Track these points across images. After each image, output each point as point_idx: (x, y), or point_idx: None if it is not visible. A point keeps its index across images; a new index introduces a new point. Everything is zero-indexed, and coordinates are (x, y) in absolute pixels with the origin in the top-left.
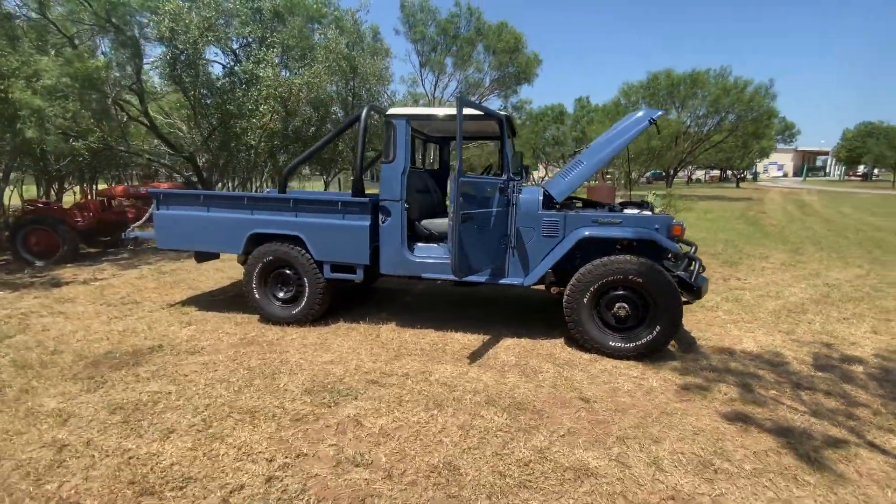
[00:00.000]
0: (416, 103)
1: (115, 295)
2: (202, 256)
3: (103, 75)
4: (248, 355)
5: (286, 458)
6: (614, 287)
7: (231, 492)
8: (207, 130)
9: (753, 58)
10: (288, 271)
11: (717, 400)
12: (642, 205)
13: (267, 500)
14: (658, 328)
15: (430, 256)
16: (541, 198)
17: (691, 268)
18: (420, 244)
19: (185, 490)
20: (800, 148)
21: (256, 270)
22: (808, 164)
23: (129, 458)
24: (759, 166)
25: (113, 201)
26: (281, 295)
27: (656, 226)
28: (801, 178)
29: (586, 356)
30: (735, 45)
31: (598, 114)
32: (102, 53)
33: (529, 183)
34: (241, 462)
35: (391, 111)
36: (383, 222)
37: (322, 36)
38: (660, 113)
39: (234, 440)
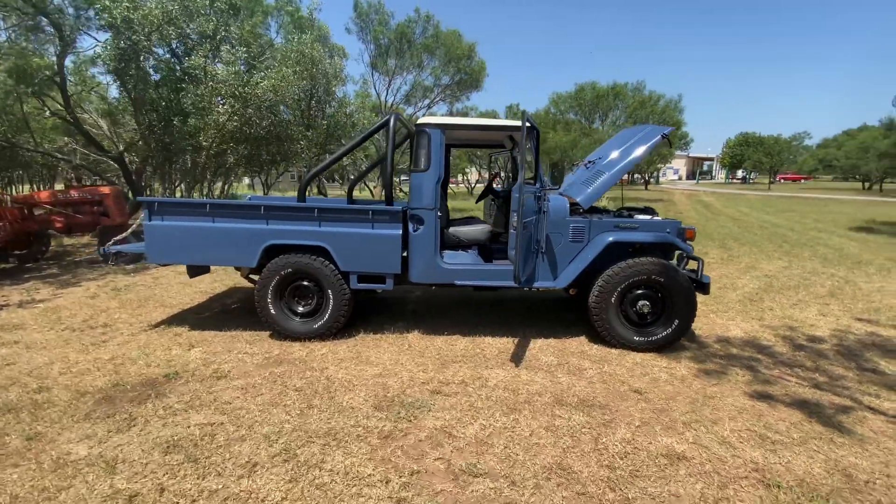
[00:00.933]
0: (363, 105)
1: (74, 318)
2: (194, 271)
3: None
4: (287, 375)
5: (401, 477)
6: (637, 287)
7: None
8: (147, 128)
9: (652, 70)
10: (307, 283)
11: (739, 382)
12: (646, 210)
13: None
14: (676, 323)
15: (461, 263)
16: (568, 205)
17: (690, 267)
18: (448, 252)
19: None
20: (691, 154)
21: (272, 284)
22: (699, 169)
23: (224, 498)
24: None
25: (34, 209)
26: (301, 309)
27: (668, 229)
28: (694, 181)
29: (614, 352)
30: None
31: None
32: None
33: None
34: (357, 487)
35: (425, 120)
36: (415, 231)
37: (292, 37)
38: (671, 129)
39: (334, 466)
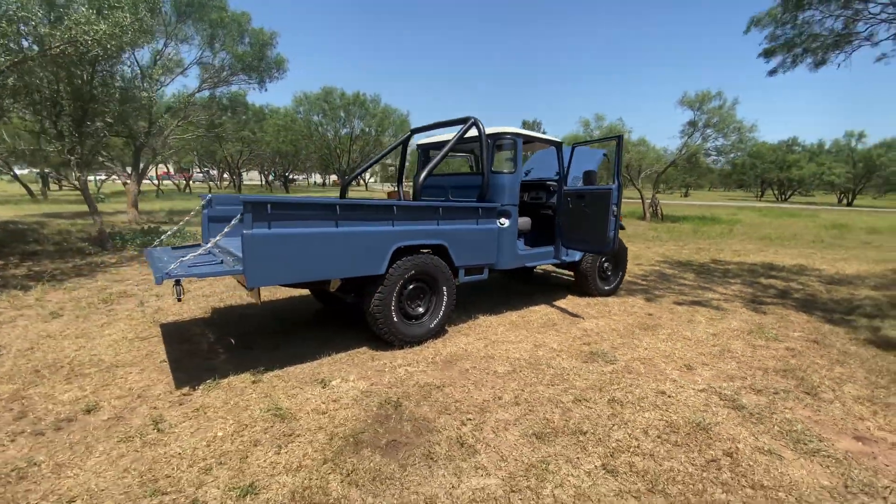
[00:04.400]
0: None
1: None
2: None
3: None
4: (479, 368)
5: (686, 383)
6: (604, 254)
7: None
8: None
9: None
10: (416, 285)
11: (670, 302)
12: None
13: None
14: (621, 274)
15: (525, 249)
16: None
17: None
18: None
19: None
20: None
21: (396, 290)
22: None
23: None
24: None
25: None
26: (421, 310)
27: None
28: None
29: (598, 300)
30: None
31: (276, 118)
32: None
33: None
34: (681, 398)
35: (509, 130)
36: (503, 224)
37: None
38: (605, 151)
39: (648, 394)
